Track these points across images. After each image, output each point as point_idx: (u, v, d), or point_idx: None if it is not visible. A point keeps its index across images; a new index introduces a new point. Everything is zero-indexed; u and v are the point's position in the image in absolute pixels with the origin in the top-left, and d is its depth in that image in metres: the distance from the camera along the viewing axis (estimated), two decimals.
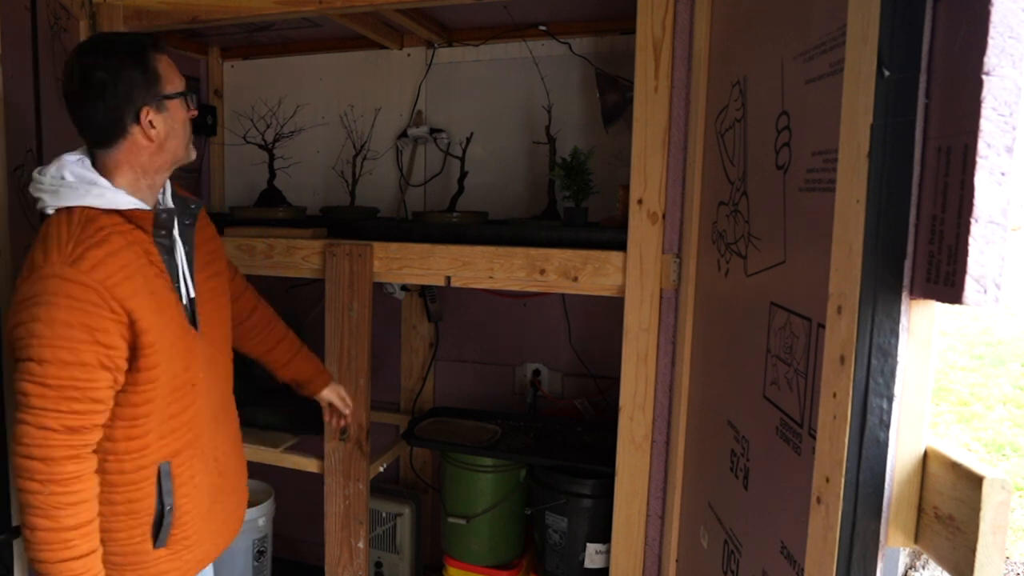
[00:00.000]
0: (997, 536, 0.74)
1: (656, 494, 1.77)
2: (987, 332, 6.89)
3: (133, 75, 1.26)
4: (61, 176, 1.27)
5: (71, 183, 1.26)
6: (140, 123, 1.28)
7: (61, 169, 1.27)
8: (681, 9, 1.61)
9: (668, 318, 1.70)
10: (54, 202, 1.26)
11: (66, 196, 1.25)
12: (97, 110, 1.25)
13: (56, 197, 1.25)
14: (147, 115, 1.28)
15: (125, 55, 1.26)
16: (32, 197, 1.30)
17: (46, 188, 1.26)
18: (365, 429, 2.05)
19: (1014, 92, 0.68)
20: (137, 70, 1.26)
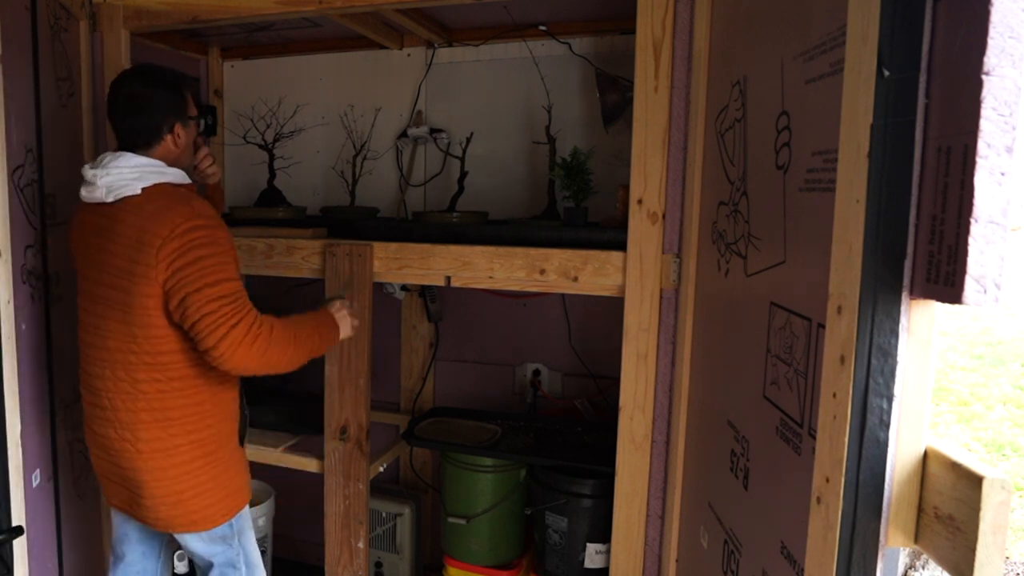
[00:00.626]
0: (997, 536, 0.74)
1: (656, 494, 1.77)
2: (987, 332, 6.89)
3: (173, 97, 1.65)
4: (138, 163, 1.59)
5: (149, 167, 1.60)
6: (172, 133, 1.65)
7: (131, 159, 1.60)
8: (681, 9, 1.61)
9: (668, 318, 1.70)
10: (142, 183, 1.57)
11: (151, 176, 1.59)
12: (143, 122, 1.63)
13: (142, 179, 1.57)
14: (177, 128, 1.66)
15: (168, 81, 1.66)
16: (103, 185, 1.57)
17: (128, 174, 1.58)
18: (365, 429, 2.05)
19: (1014, 92, 0.68)
20: (176, 94, 1.66)
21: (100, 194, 1.58)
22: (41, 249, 1.87)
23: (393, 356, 2.61)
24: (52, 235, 1.92)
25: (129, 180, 1.57)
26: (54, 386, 1.94)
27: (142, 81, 1.64)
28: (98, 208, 1.60)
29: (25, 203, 1.78)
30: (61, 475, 1.98)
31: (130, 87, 1.63)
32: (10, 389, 1.69)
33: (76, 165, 2.08)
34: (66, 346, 2.01)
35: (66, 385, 2.02)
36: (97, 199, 1.58)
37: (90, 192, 1.60)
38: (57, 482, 1.97)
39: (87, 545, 2.17)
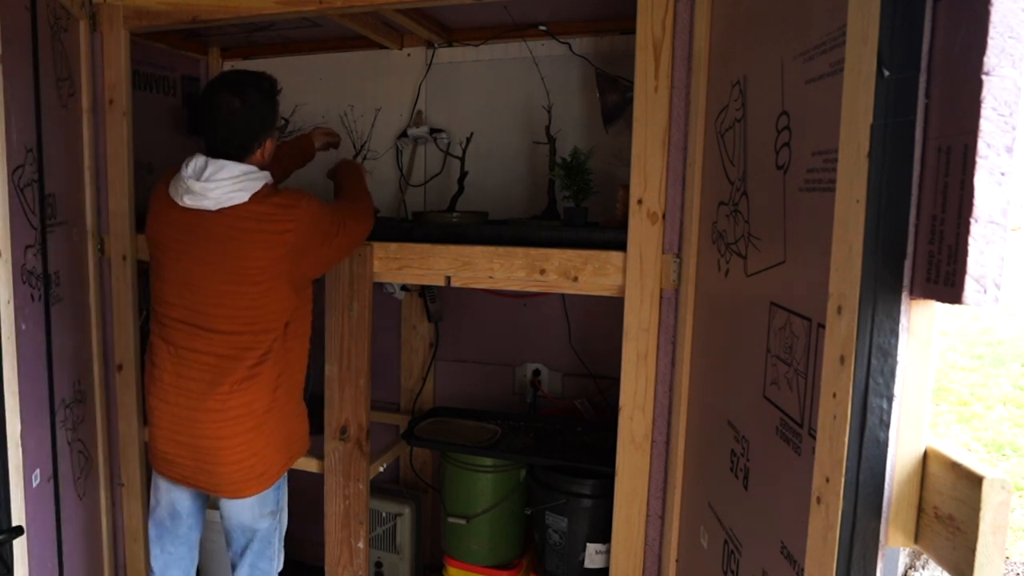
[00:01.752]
0: (997, 536, 0.74)
1: (656, 494, 1.77)
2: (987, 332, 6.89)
3: (273, 111, 1.74)
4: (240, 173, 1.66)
5: (249, 175, 1.67)
6: (264, 146, 1.74)
7: (232, 169, 1.66)
8: (681, 9, 1.61)
9: (668, 318, 1.70)
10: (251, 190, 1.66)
11: (252, 186, 1.67)
12: (239, 136, 1.68)
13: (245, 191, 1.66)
14: (270, 141, 1.75)
15: (272, 95, 1.74)
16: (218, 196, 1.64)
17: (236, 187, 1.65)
18: (365, 429, 2.05)
19: (1014, 92, 0.68)
20: (271, 109, 1.74)
21: (208, 204, 1.65)
22: (41, 249, 1.87)
23: (393, 356, 2.61)
24: (52, 235, 1.92)
25: (236, 191, 1.65)
26: (54, 386, 1.94)
27: (242, 98, 1.67)
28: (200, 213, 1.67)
29: (25, 203, 1.78)
30: (61, 475, 1.98)
31: (229, 103, 1.67)
32: (10, 389, 1.69)
33: (76, 165, 2.08)
34: (66, 346, 2.01)
35: (66, 385, 2.02)
36: (203, 208, 1.66)
37: (194, 201, 1.66)
38: (57, 482, 1.97)
39: (87, 545, 2.17)
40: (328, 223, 1.73)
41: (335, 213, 1.76)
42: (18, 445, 1.71)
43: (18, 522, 1.70)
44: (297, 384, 1.86)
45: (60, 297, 1.97)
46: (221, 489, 1.78)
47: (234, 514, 1.84)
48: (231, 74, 1.79)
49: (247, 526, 1.84)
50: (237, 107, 1.67)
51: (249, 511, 1.82)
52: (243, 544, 1.86)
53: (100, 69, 2.11)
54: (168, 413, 1.77)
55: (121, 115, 2.12)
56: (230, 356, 1.71)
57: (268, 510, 1.84)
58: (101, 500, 2.24)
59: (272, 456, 1.79)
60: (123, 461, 2.26)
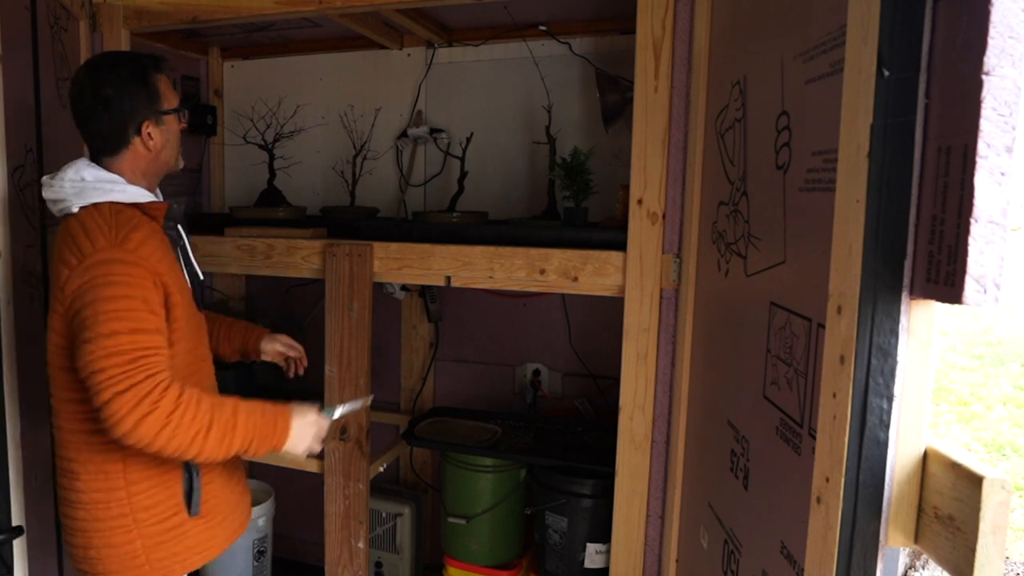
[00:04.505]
0: (997, 536, 0.74)
1: (656, 494, 1.77)
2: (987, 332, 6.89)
3: (137, 92, 1.41)
4: (81, 178, 1.39)
5: (93, 183, 1.39)
6: (141, 135, 1.43)
7: (79, 172, 1.40)
8: (681, 9, 1.61)
9: (668, 318, 1.70)
10: (80, 200, 1.38)
11: (91, 194, 1.38)
12: (104, 122, 1.41)
13: (81, 196, 1.38)
14: (147, 128, 1.43)
15: (130, 74, 1.41)
16: (50, 199, 1.41)
17: (68, 190, 1.39)
18: (365, 429, 2.05)
19: (1014, 92, 0.68)
20: (141, 88, 1.42)
21: (52, 208, 1.42)
22: (41, 249, 1.87)
23: (393, 356, 2.61)
24: (52, 235, 1.92)
25: (68, 196, 1.38)
26: None
27: (98, 77, 1.39)
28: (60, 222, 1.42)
29: (25, 203, 1.78)
30: None
31: (87, 84, 1.40)
32: (10, 389, 1.69)
33: None
34: None
35: None
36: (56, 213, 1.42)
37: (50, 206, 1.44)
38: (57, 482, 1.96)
39: None
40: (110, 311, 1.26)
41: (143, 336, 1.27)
42: (18, 445, 1.72)
43: (18, 522, 1.70)
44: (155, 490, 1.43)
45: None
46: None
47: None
48: (95, 56, 1.52)
49: None
50: (96, 90, 1.38)
51: None
52: None
53: None
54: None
55: None
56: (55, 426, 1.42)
57: None
58: None
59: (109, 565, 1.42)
60: None
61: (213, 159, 2.77)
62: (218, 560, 2.39)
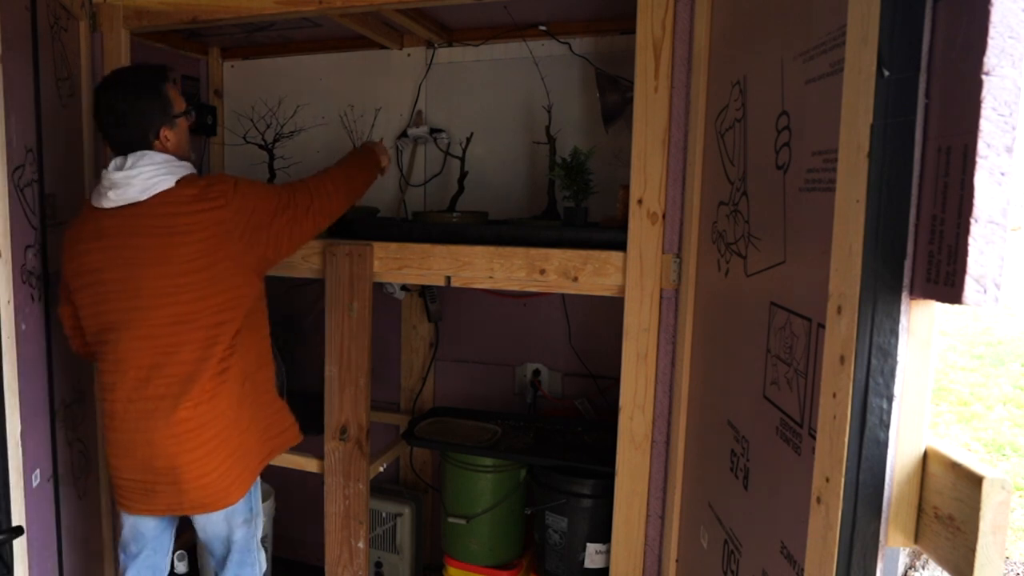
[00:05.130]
0: (997, 536, 0.74)
1: (656, 494, 1.77)
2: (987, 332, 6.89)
3: (151, 105, 1.67)
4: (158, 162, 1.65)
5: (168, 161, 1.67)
6: (159, 138, 1.68)
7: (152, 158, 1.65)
8: (681, 9, 1.61)
9: (668, 318, 1.70)
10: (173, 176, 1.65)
11: (177, 169, 1.67)
12: (126, 133, 1.66)
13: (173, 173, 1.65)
14: (164, 132, 1.69)
15: (144, 90, 1.67)
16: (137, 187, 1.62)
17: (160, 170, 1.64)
18: (365, 429, 2.05)
19: (1014, 92, 0.68)
20: (154, 100, 1.67)
21: (134, 193, 1.62)
22: (41, 249, 1.87)
23: (393, 356, 2.61)
24: (52, 235, 1.92)
25: (164, 175, 1.64)
26: (54, 386, 1.94)
27: (118, 92, 1.66)
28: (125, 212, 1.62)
29: (25, 203, 1.78)
30: (61, 475, 1.98)
31: (108, 100, 1.66)
32: (10, 389, 1.69)
33: (76, 165, 2.08)
34: (66, 346, 2.00)
35: (66, 385, 2.02)
36: (130, 200, 1.62)
37: (120, 195, 1.62)
38: (57, 482, 1.97)
39: (87, 545, 2.17)
40: (267, 198, 1.70)
41: (281, 190, 1.74)
42: (18, 445, 1.72)
43: (18, 522, 1.70)
44: (266, 378, 1.81)
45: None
46: (184, 507, 1.71)
47: (208, 527, 1.78)
48: (113, 72, 1.77)
49: (224, 538, 1.80)
50: (116, 104, 1.65)
51: (224, 523, 1.77)
52: (223, 554, 1.82)
53: (100, 69, 2.11)
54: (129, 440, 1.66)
55: None
56: (190, 361, 1.63)
57: (242, 519, 1.79)
58: (101, 500, 2.24)
59: (238, 465, 1.72)
60: None
61: (213, 159, 2.77)
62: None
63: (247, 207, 1.66)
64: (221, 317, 1.65)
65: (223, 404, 1.67)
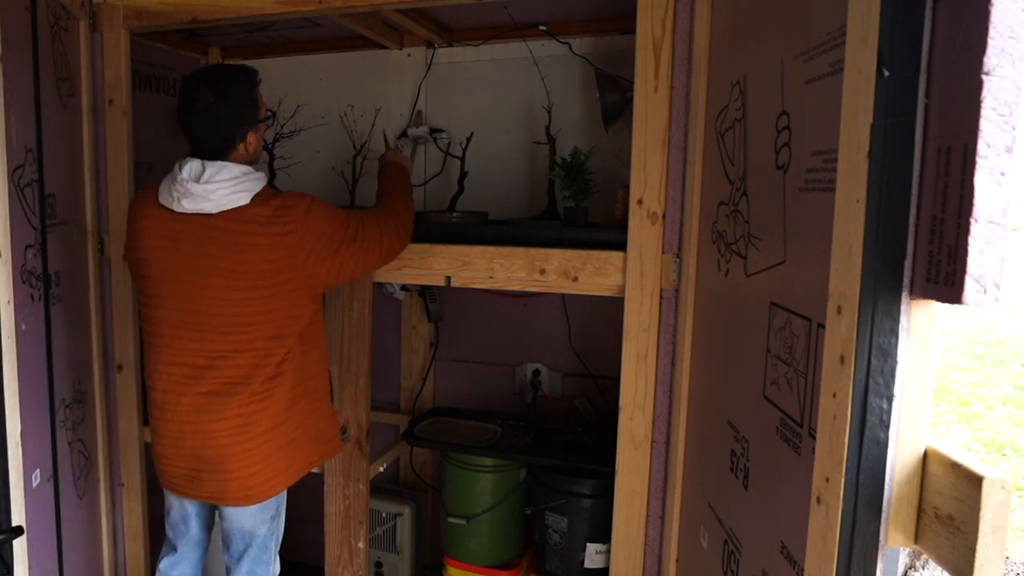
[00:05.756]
0: (997, 536, 0.74)
1: (656, 494, 1.77)
2: (987, 332, 6.89)
3: (245, 107, 1.67)
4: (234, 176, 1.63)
5: (246, 177, 1.64)
6: (245, 141, 1.68)
7: (230, 172, 1.63)
8: (681, 9, 1.61)
9: (668, 318, 1.70)
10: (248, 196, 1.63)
11: (252, 185, 1.64)
12: (218, 131, 1.65)
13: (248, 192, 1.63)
14: (250, 136, 1.69)
15: (243, 90, 1.67)
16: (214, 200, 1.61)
17: (239, 187, 1.62)
18: (365, 429, 2.05)
19: (1014, 92, 0.68)
20: (248, 103, 1.68)
21: (208, 207, 1.61)
22: (41, 249, 1.87)
23: (393, 356, 2.61)
24: (52, 235, 1.92)
25: (240, 192, 1.62)
26: (54, 386, 1.94)
27: (214, 89, 1.64)
28: (196, 218, 1.63)
29: (25, 203, 1.78)
30: (61, 475, 1.98)
31: (203, 97, 1.63)
32: (10, 389, 1.69)
33: (76, 165, 2.08)
34: (66, 346, 2.01)
35: (66, 385, 2.02)
36: (203, 211, 1.62)
37: (194, 204, 1.62)
38: (57, 482, 1.97)
39: (87, 545, 2.17)
40: (337, 228, 1.68)
41: (350, 219, 1.71)
42: (18, 445, 1.71)
43: (18, 522, 1.70)
44: (318, 387, 1.83)
45: (60, 297, 1.97)
46: (229, 498, 1.75)
47: (235, 519, 1.82)
48: (206, 69, 1.75)
49: (247, 531, 1.83)
50: (213, 103, 1.63)
51: (251, 517, 1.81)
52: (241, 549, 1.85)
53: (100, 69, 2.11)
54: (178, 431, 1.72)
55: (121, 115, 2.12)
56: (245, 366, 1.66)
57: (269, 515, 1.83)
58: (101, 500, 2.24)
59: (283, 463, 1.76)
60: (123, 461, 2.26)
61: None
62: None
63: (315, 234, 1.64)
64: (279, 331, 1.67)
65: (276, 406, 1.70)
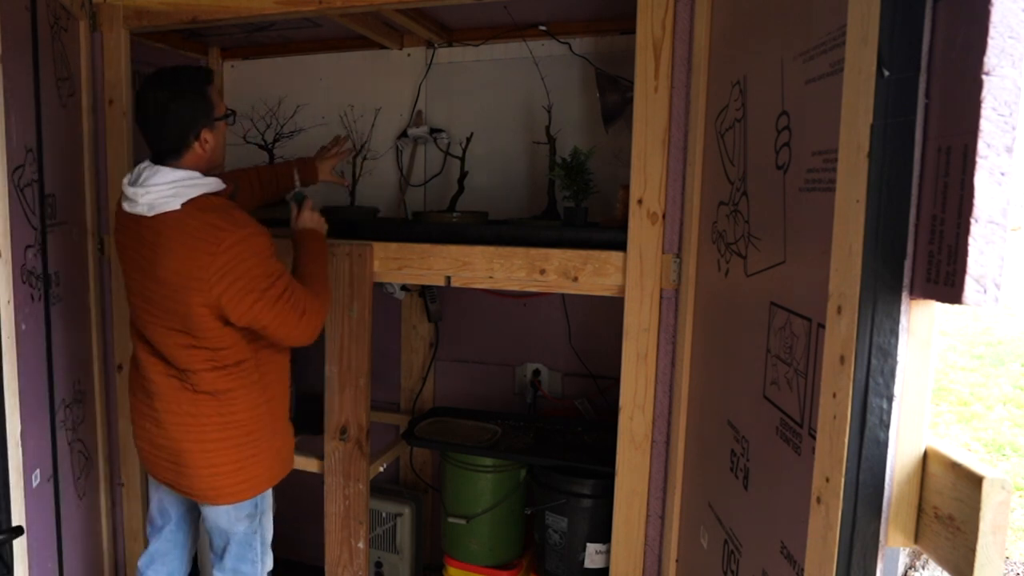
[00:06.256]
0: (997, 536, 0.74)
1: (656, 494, 1.77)
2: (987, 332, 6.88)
3: (196, 105, 1.64)
4: (171, 180, 1.61)
5: (183, 181, 1.61)
6: (199, 139, 1.65)
7: (166, 176, 1.61)
8: (681, 9, 1.61)
9: (668, 318, 1.70)
10: (180, 199, 1.59)
11: (188, 191, 1.60)
12: (168, 131, 1.63)
13: (180, 196, 1.59)
14: (204, 134, 1.65)
15: (190, 89, 1.64)
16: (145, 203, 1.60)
17: (167, 191, 1.60)
18: (365, 429, 2.05)
19: (1014, 92, 0.68)
20: (199, 101, 1.64)
21: (142, 210, 1.61)
22: (41, 249, 1.87)
23: (393, 356, 2.61)
24: (52, 235, 1.92)
25: (168, 197, 1.60)
26: (54, 386, 1.94)
27: (165, 90, 1.63)
28: (139, 219, 1.63)
29: (25, 203, 1.78)
30: (61, 475, 1.98)
31: (154, 98, 1.63)
32: (10, 389, 1.69)
33: (76, 165, 2.08)
34: (66, 346, 2.01)
35: (66, 385, 2.02)
36: (139, 213, 1.62)
37: (131, 207, 1.64)
38: (57, 482, 1.97)
39: (87, 545, 2.17)
40: (264, 276, 1.59)
41: (284, 279, 1.64)
42: (18, 445, 1.72)
43: (18, 522, 1.70)
44: (280, 404, 1.83)
45: (60, 297, 1.97)
46: (195, 494, 1.77)
47: (210, 516, 1.83)
48: (158, 71, 1.72)
49: (223, 529, 1.83)
50: (163, 103, 1.61)
51: (225, 515, 1.80)
52: (221, 546, 1.86)
53: (100, 69, 2.11)
54: (143, 413, 1.77)
55: (121, 115, 2.12)
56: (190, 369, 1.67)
57: (244, 514, 1.81)
58: (101, 500, 2.24)
59: (253, 470, 1.76)
60: (123, 461, 2.26)
61: None
62: None
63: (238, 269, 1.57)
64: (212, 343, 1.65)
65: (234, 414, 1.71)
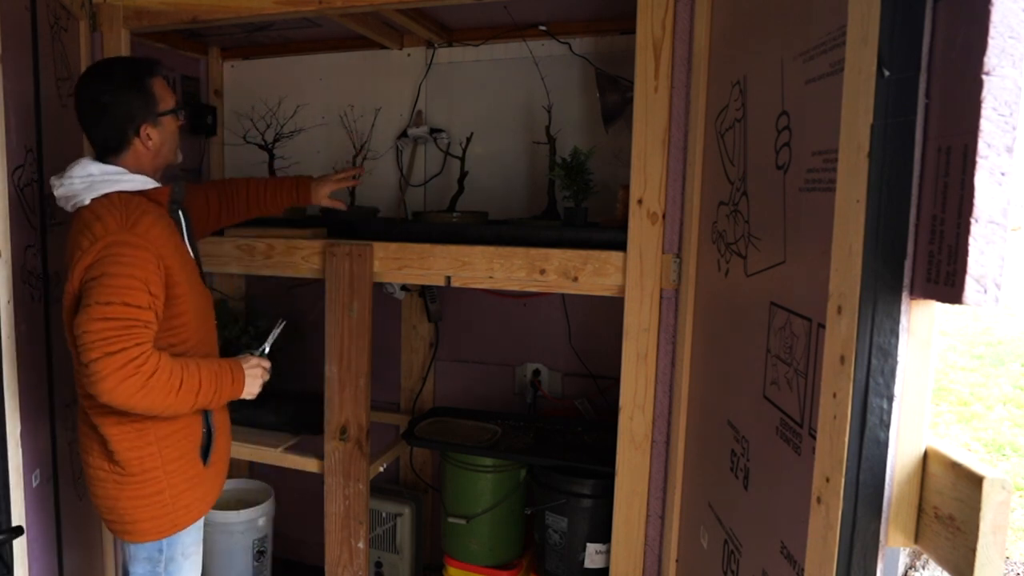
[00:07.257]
0: (997, 536, 0.74)
1: (656, 494, 1.77)
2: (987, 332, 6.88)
3: (133, 99, 1.53)
4: (88, 173, 1.51)
5: (100, 176, 1.51)
6: (140, 136, 1.55)
7: (85, 168, 1.52)
8: (681, 9, 1.61)
9: (668, 318, 1.70)
10: (91, 193, 1.49)
11: (100, 187, 1.50)
12: (104, 127, 1.54)
13: (91, 189, 1.50)
14: (145, 130, 1.55)
15: (125, 82, 1.53)
16: (61, 196, 1.53)
17: (78, 185, 1.50)
18: (365, 429, 2.05)
19: (1014, 92, 0.68)
20: (136, 94, 1.54)
21: (61, 203, 1.54)
22: (41, 249, 1.87)
23: (393, 356, 2.61)
24: (52, 235, 1.92)
25: (80, 190, 1.50)
26: (54, 386, 1.94)
27: (98, 85, 1.53)
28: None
29: (25, 203, 1.78)
30: (61, 475, 1.98)
31: (89, 92, 1.54)
32: (10, 389, 1.69)
33: None
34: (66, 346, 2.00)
35: (66, 385, 2.02)
36: (62, 207, 1.55)
37: (58, 201, 1.55)
38: (57, 482, 1.97)
39: (87, 545, 2.17)
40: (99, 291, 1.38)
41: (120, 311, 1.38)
42: (18, 445, 1.72)
43: (18, 522, 1.70)
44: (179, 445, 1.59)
45: (60, 297, 1.97)
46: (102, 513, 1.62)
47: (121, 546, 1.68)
48: (96, 63, 1.65)
49: (124, 565, 1.65)
50: (98, 96, 1.52)
51: (126, 549, 1.64)
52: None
53: None
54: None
55: None
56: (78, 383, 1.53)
57: (144, 555, 1.61)
58: None
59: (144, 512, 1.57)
60: None
61: (213, 159, 2.77)
62: (219, 560, 2.39)
63: (81, 271, 1.43)
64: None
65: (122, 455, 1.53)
